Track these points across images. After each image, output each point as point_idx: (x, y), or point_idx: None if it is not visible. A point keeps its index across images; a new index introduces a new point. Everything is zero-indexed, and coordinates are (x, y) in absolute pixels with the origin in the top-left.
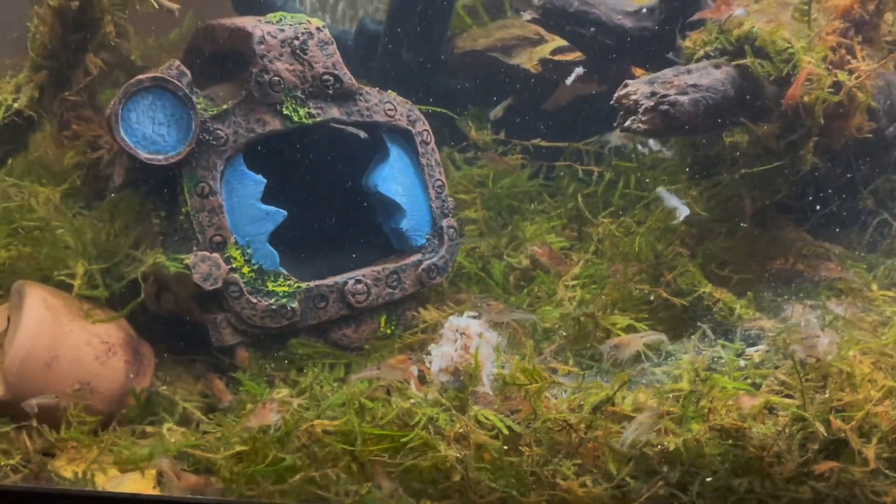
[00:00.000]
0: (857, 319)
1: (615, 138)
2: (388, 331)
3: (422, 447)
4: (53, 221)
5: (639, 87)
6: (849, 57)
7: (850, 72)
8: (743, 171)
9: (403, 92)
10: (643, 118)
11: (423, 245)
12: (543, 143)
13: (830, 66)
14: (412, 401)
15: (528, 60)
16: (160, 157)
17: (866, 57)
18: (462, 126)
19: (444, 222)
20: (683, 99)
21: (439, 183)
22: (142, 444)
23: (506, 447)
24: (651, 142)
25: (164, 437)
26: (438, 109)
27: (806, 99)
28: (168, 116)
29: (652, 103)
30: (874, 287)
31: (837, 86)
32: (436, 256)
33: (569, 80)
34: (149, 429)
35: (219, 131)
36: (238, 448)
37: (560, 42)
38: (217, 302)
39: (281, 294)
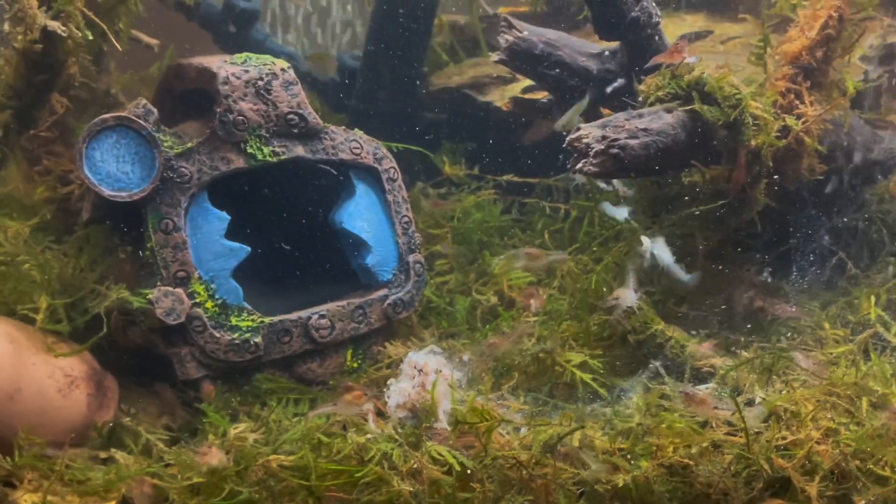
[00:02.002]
0: (806, 359)
1: (579, 176)
2: (355, 365)
3: (376, 482)
4: (20, 256)
5: (591, 130)
6: (797, 102)
7: (798, 116)
8: (694, 210)
9: (379, 126)
10: (594, 161)
11: (390, 280)
12: (516, 179)
13: (779, 111)
14: (368, 436)
15: (499, 98)
16: (124, 194)
17: (814, 102)
18: (436, 161)
19: (411, 258)
20: (634, 142)
21: (406, 219)
22: (99, 469)
23: (458, 483)
24: (615, 181)
25: (119, 464)
26: (412, 147)
27: (754, 143)
28: (132, 154)
29: (602, 147)
30: (826, 326)
31: (786, 130)
32: (402, 291)
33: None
34: (103, 454)
35: (183, 169)
36: (196, 479)
37: (531, 81)
38: (181, 336)
39: (244, 329)
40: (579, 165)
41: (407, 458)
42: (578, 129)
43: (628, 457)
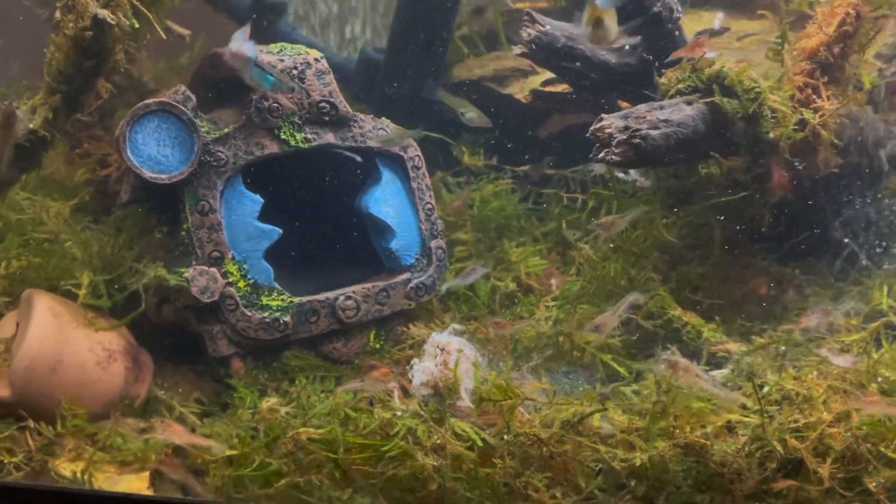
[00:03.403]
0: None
1: (598, 167)
2: (378, 346)
3: (401, 456)
4: (62, 234)
5: (613, 121)
6: (814, 96)
7: (816, 110)
8: (711, 201)
9: (402, 117)
10: (616, 150)
11: (412, 264)
12: (531, 170)
13: (797, 105)
14: (394, 412)
15: (519, 91)
16: (164, 176)
17: (831, 96)
18: (456, 152)
19: (433, 243)
20: (655, 133)
21: (429, 206)
22: (135, 440)
23: (480, 459)
24: (632, 171)
25: (156, 430)
26: (433, 134)
27: (772, 135)
28: (172, 138)
29: (625, 137)
30: (839, 316)
31: (803, 123)
32: (424, 275)
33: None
34: (143, 424)
35: (220, 153)
36: (228, 452)
37: (550, 74)
38: (214, 314)
39: (274, 308)
40: (602, 154)
41: (431, 433)
42: (601, 118)
43: (645, 436)
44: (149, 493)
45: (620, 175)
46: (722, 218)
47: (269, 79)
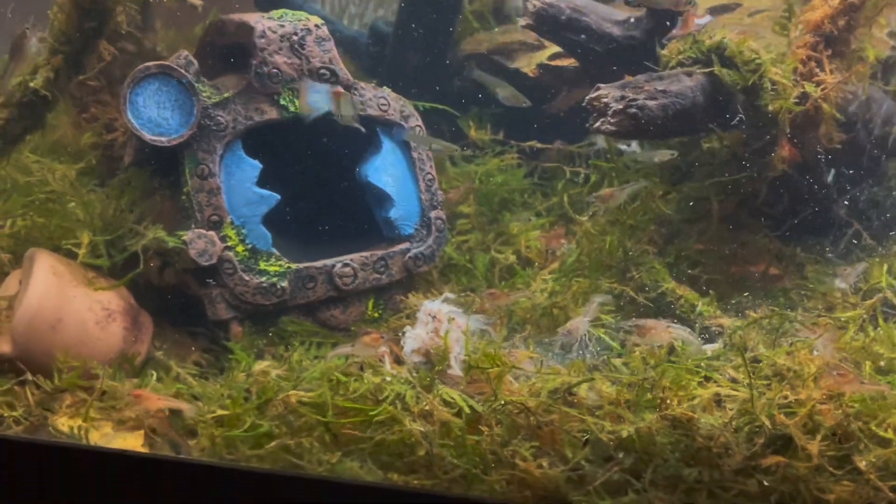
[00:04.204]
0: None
1: (601, 141)
2: (376, 314)
3: (389, 421)
4: (66, 195)
5: (610, 90)
6: (817, 70)
7: (818, 84)
8: (711, 178)
9: (410, 90)
10: (612, 120)
11: (412, 234)
12: (538, 145)
13: (799, 78)
14: (384, 378)
15: (527, 65)
16: (164, 138)
17: (835, 70)
18: (463, 125)
19: (433, 214)
20: (652, 104)
21: (430, 176)
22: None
23: (468, 426)
24: (634, 144)
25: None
26: (440, 107)
27: (772, 108)
28: (172, 101)
29: (621, 106)
30: (837, 293)
31: (805, 97)
32: (423, 245)
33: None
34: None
35: (219, 117)
36: (219, 412)
37: (557, 48)
38: (213, 278)
39: (272, 273)
40: (597, 124)
41: (419, 399)
42: (598, 88)
43: (633, 408)
44: (143, 450)
45: (623, 148)
46: (721, 193)
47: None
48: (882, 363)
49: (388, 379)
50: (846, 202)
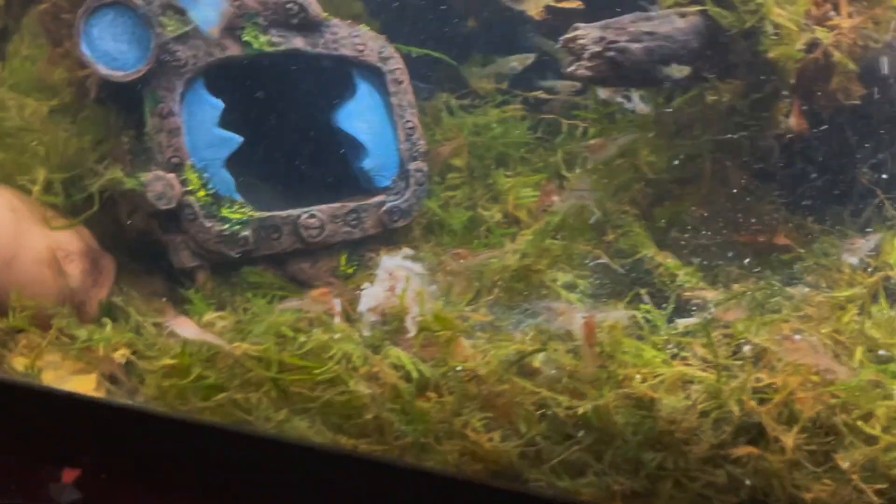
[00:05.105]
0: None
1: (602, 91)
2: (350, 270)
3: (335, 381)
4: (27, 130)
5: (588, 31)
6: (833, 13)
7: (831, 28)
8: (705, 132)
9: (408, 34)
10: (588, 64)
11: (389, 186)
12: (544, 96)
13: (809, 23)
14: (334, 335)
15: (534, 7)
16: (119, 73)
17: (853, 13)
18: (464, 72)
19: (412, 165)
20: (635, 46)
21: (410, 124)
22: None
23: (417, 392)
24: (636, 99)
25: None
26: (434, 54)
27: (772, 55)
28: (129, 34)
29: (599, 49)
30: (845, 268)
31: (816, 44)
32: (400, 199)
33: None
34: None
35: (178, 53)
36: (167, 361)
37: None
38: (176, 224)
39: (234, 221)
40: (571, 68)
41: (367, 360)
42: (575, 27)
43: (596, 383)
44: (96, 394)
45: (623, 103)
46: (716, 151)
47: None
48: (881, 350)
49: (337, 337)
50: (872, 167)
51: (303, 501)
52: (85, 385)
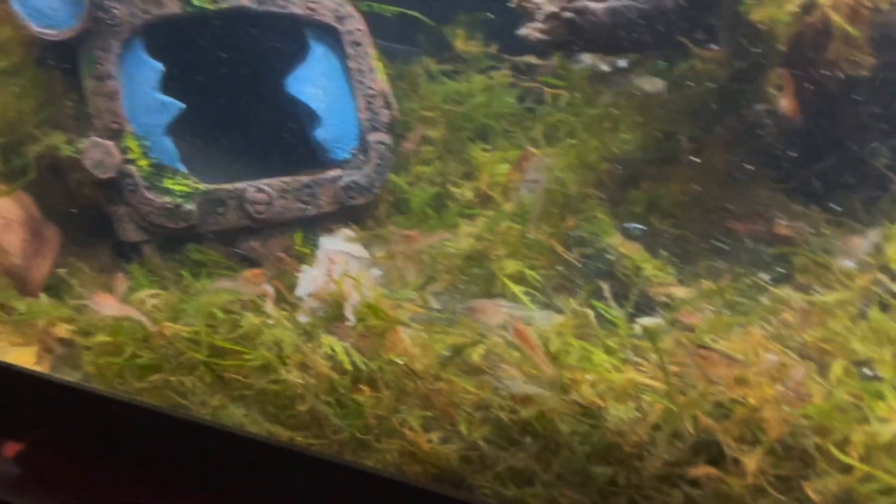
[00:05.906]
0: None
1: (588, 58)
2: (306, 250)
3: (267, 368)
4: None
5: None
6: None
7: None
8: (683, 106)
9: None
10: (542, 26)
11: (347, 160)
12: (535, 61)
13: None
14: (267, 320)
15: None
16: (52, 31)
17: None
18: (448, 34)
19: (373, 136)
20: (597, 6)
21: (371, 91)
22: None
23: (353, 385)
24: (624, 63)
25: (43, 303)
26: (409, 12)
27: (755, 17)
28: None
29: (555, 9)
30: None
31: (812, 6)
32: (358, 174)
33: None
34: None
35: (114, 10)
36: (101, 338)
37: None
38: (119, 195)
39: (177, 193)
40: (525, 31)
41: (298, 348)
42: None
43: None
44: (35, 368)
45: (605, 68)
46: (695, 128)
47: None
48: (866, 369)
49: (271, 322)
50: (890, 149)
51: (244, 492)
52: (24, 358)
